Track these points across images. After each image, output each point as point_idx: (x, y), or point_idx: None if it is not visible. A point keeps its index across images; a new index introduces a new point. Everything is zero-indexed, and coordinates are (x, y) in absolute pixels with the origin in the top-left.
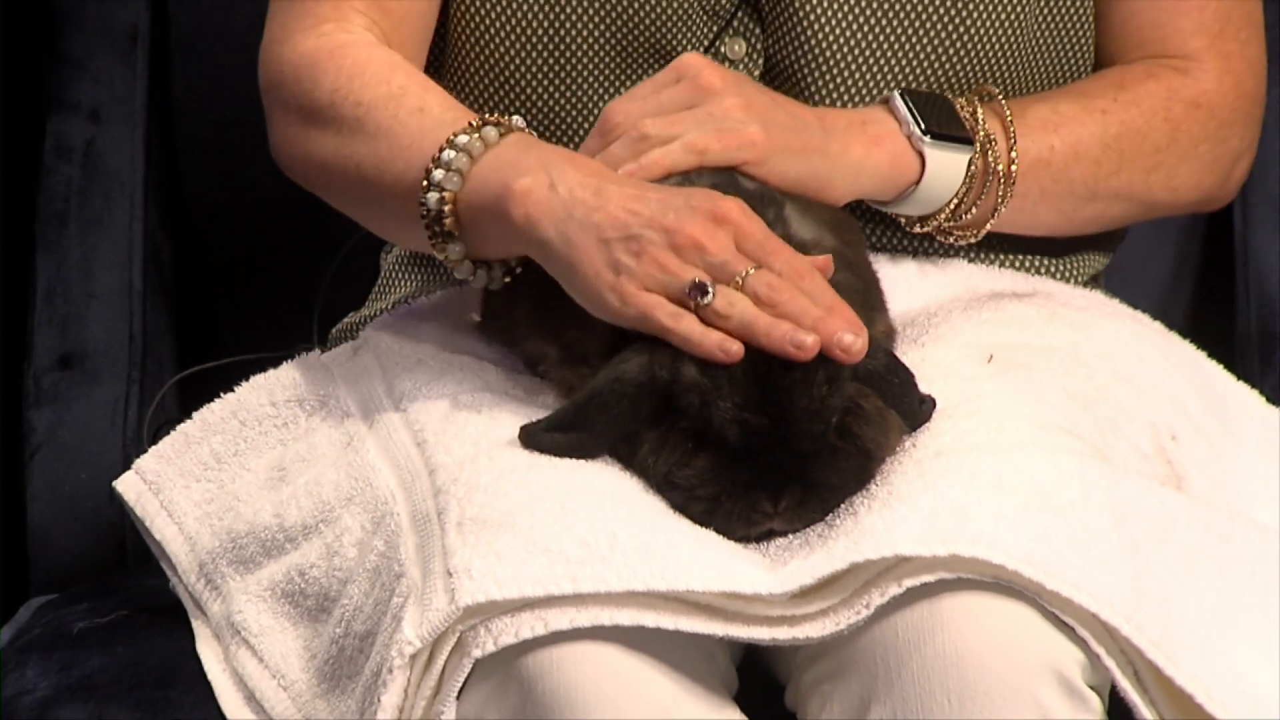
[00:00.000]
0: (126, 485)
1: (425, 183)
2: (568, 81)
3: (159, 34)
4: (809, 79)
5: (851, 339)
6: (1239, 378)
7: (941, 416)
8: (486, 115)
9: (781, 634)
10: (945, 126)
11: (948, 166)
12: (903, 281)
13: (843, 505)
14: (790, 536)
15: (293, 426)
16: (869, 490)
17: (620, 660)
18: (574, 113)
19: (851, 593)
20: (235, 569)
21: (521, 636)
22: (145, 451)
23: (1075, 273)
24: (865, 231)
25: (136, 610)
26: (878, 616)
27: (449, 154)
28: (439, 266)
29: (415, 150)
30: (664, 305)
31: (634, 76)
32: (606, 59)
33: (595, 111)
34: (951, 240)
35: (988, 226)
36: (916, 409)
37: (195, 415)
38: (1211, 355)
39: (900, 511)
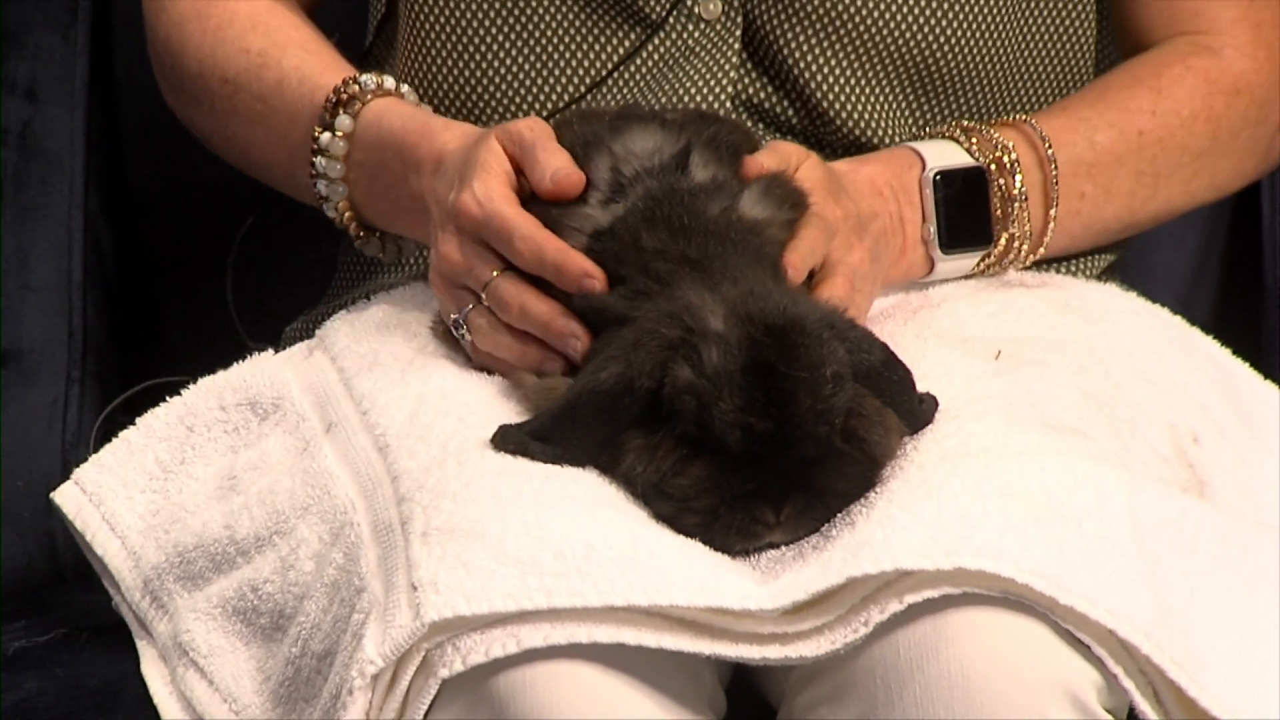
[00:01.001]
0: (65, 497)
1: (315, 193)
2: (530, 43)
3: (100, 8)
4: (790, 42)
5: (576, 345)
6: (1266, 377)
7: (945, 418)
8: (338, 86)
9: (773, 653)
10: (969, 232)
11: (958, 267)
12: None
13: (839, 514)
14: (783, 547)
15: (244, 432)
16: (867, 498)
17: (598, 681)
18: (536, 76)
19: (849, 609)
20: (183, 585)
21: (492, 655)
22: (87, 458)
23: (1088, 266)
24: None
25: (76, 629)
26: (877, 635)
27: (320, 161)
28: (399, 260)
29: (290, 143)
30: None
31: (601, 38)
32: (572, 17)
33: (558, 75)
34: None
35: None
36: (916, 409)
37: (139, 421)
38: (1236, 353)
39: (901, 521)
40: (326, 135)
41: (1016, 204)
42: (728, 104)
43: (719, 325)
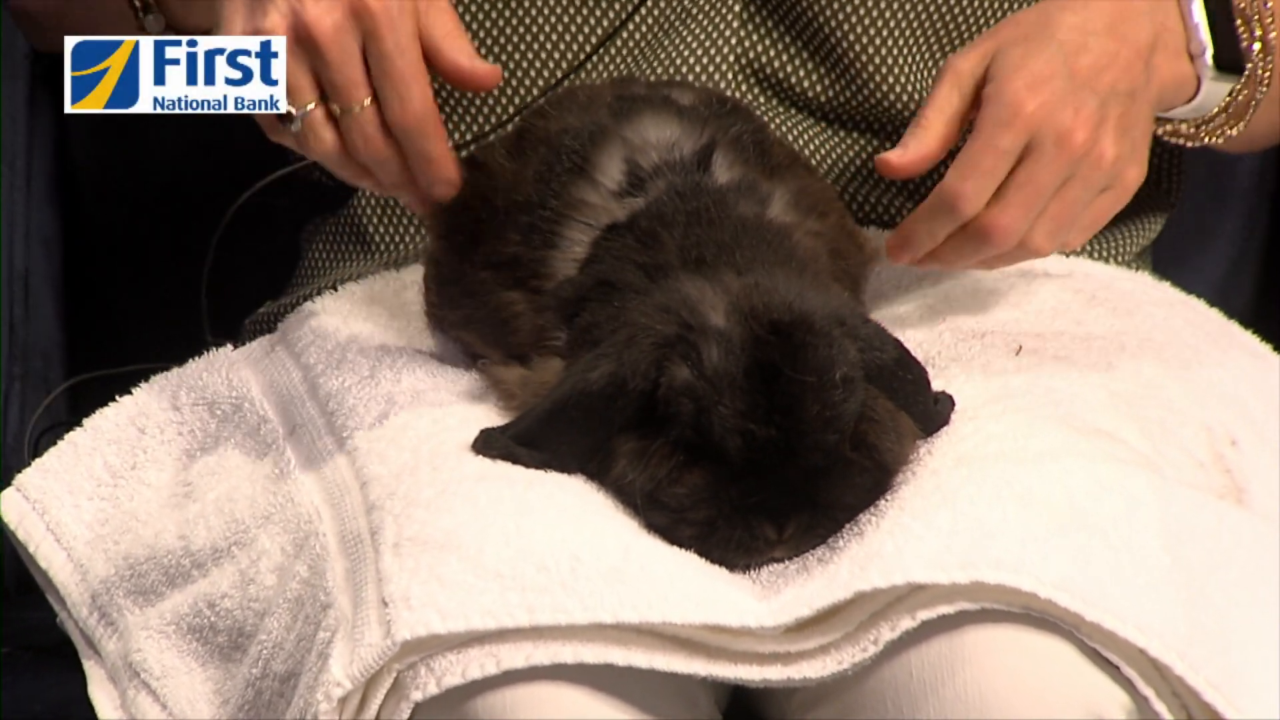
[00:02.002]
0: (7, 504)
1: None
2: (518, 14)
3: None
4: None
5: (424, 207)
6: None
7: (962, 419)
8: None
9: (774, 674)
10: (1231, 53)
11: (1215, 94)
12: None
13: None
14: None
15: (200, 434)
16: (876, 505)
17: (585, 704)
18: (527, 50)
19: (856, 626)
20: (134, 601)
21: (469, 676)
22: (29, 464)
23: (1119, 247)
24: (873, 203)
25: (19, 648)
26: (887, 654)
27: None
28: (368, 247)
29: None
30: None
31: (590, 4)
32: None
33: (550, 48)
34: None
35: (1231, 130)
36: (931, 410)
37: (87, 422)
38: (1278, 349)
39: (914, 530)
40: None
41: (1264, 24)
42: (730, 74)
43: (720, 321)
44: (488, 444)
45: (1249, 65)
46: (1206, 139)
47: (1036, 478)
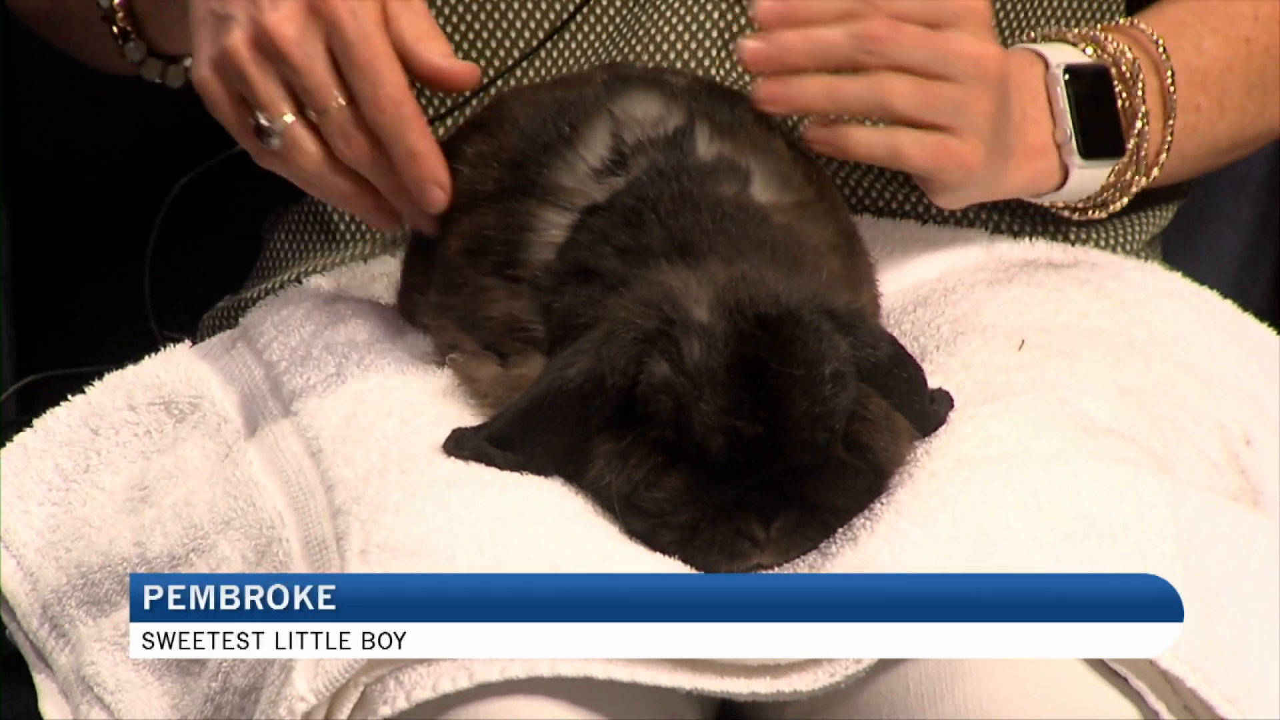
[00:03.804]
0: None
1: None
2: None
3: None
4: None
5: (428, 222)
6: None
7: (962, 418)
8: None
9: (762, 687)
10: (1104, 139)
11: (1090, 179)
12: (911, 249)
13: (839, 530)
14: (775, 568)
15: (157, 435)
16: (872, 510)
17: None
18: (498, 17)
19: None
20: (86, 611)
21: (441, 690)
22: None
23: (1128, 236)
24: (867, 188)
25: None
26: (883, 667)
27: None
28: (333, 236)
29: None
30: (243, 127)
31: None
32: None
33: (513, 18)
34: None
35: (1115, 206)
36: (928, 409)
37: (37, 423)
38: None
39: (912, 536)
40: None
41: (1140, 117)
42: (711, 47)
43: (703, 315)
44: (460, 445)
45: (1126, 149)
46: (1095, 212)
47: (1043, 481)
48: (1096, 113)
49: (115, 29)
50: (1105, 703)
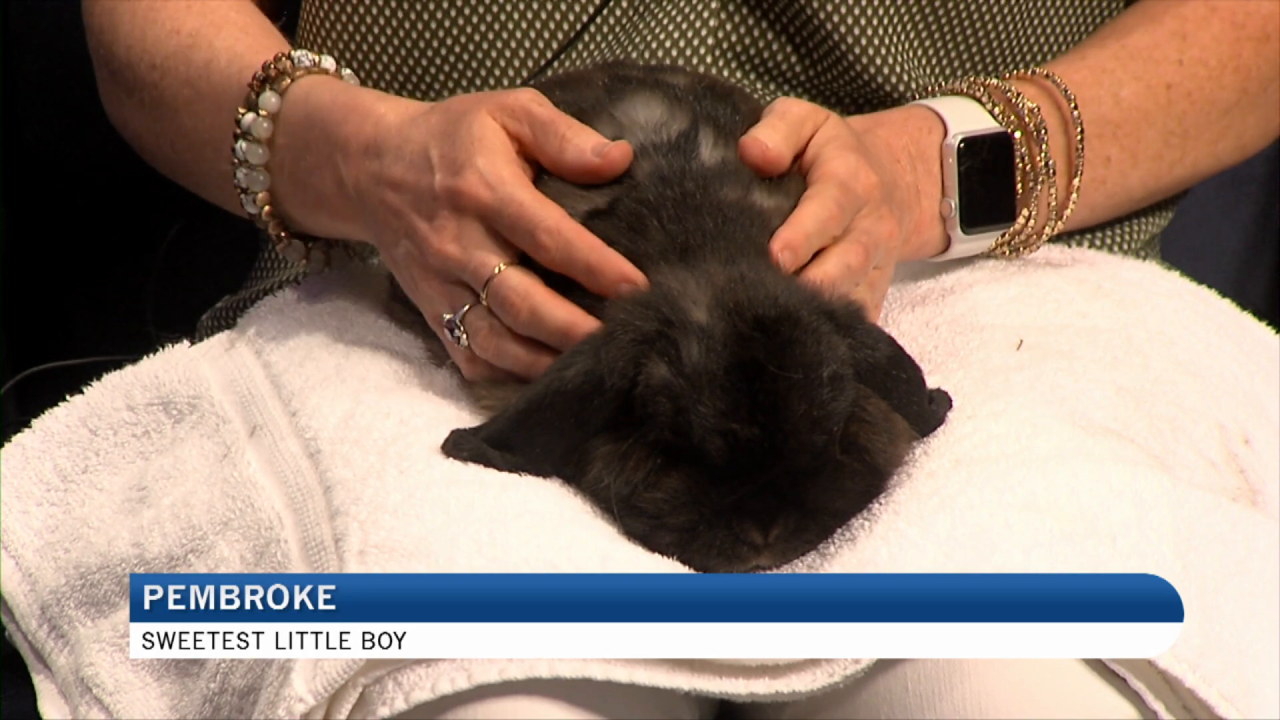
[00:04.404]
0: None
1: (236, 186)
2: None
3: None
4: None
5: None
6: None
7: (961, 418)
8: (268, 62)
9: (761, 687)
10: (991, 209)
11: (975, 245)
12: None
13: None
14: (774, 569)
15: (156, 436)
16: (870, 510)
17: None
18: (496, 40)
19: None
20: (85, 612)
21: (440, 691)
22: None
23: (1126, 237)
24: None
25: None
26: (882, 667)
27: (241, 146)
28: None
29: (214, 130)
30: (448, 338)
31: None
32: None
33: (519, 39)
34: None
35: (1028, 251)
36: (926, 410)
37: (36, 423)
38: None
39: (910, 537)
40: (250, 116)
41: (1042, 177)
42: (707, 55)
43: (702, 317)
44: (458, 446)
45: (1025, 211)
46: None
47: (1041, 481)
48: (987, 183)
49: (271, 233)
50: (1104, 703)
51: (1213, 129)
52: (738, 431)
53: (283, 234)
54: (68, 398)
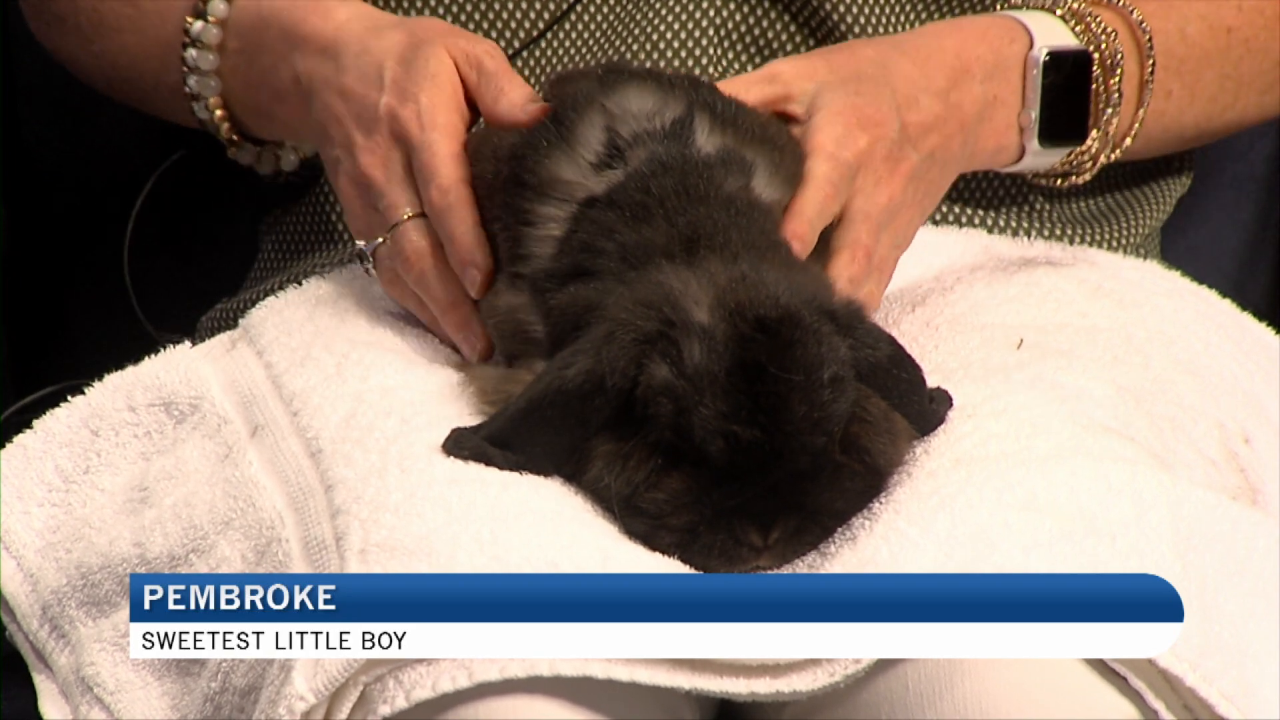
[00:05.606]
0: None
1: (187, 93)
2: None
3: None
4: None
5: (473, 344)
6: None
7: (961, 417)
8: None
9: (762, 687)
10: (1067, 124)
11: (1044, 160)
12: (910, 249)
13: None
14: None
15: (157, 436)
16: (870, 509)
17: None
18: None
19: None
20: (86, 612)
21: (440, 690)
22: None
23: (1128, 229)
24: None
25: None
26: (882, 667)
27: (191, 54)
28: (331, 237)
29: (160, 42)
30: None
31: None
32: None
33: (512, 10)
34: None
35: (1078, 179)
36: (926, 409)
37: (37, 424)
38: None
39: (910, 536)
40: (199, 24)
41: (1113, 100)
42: (712, 41)
43: (703, 317)
44: (459, 444)
45: (1094, 133)
46: (1049, 183)
47: (1041, 480)
48: (1066, 100)
49: (222, 137)
50: (1104, 702)
51: (1264, 79)
52: (739, 433)
53: (235, 137)
54: (69, 398)
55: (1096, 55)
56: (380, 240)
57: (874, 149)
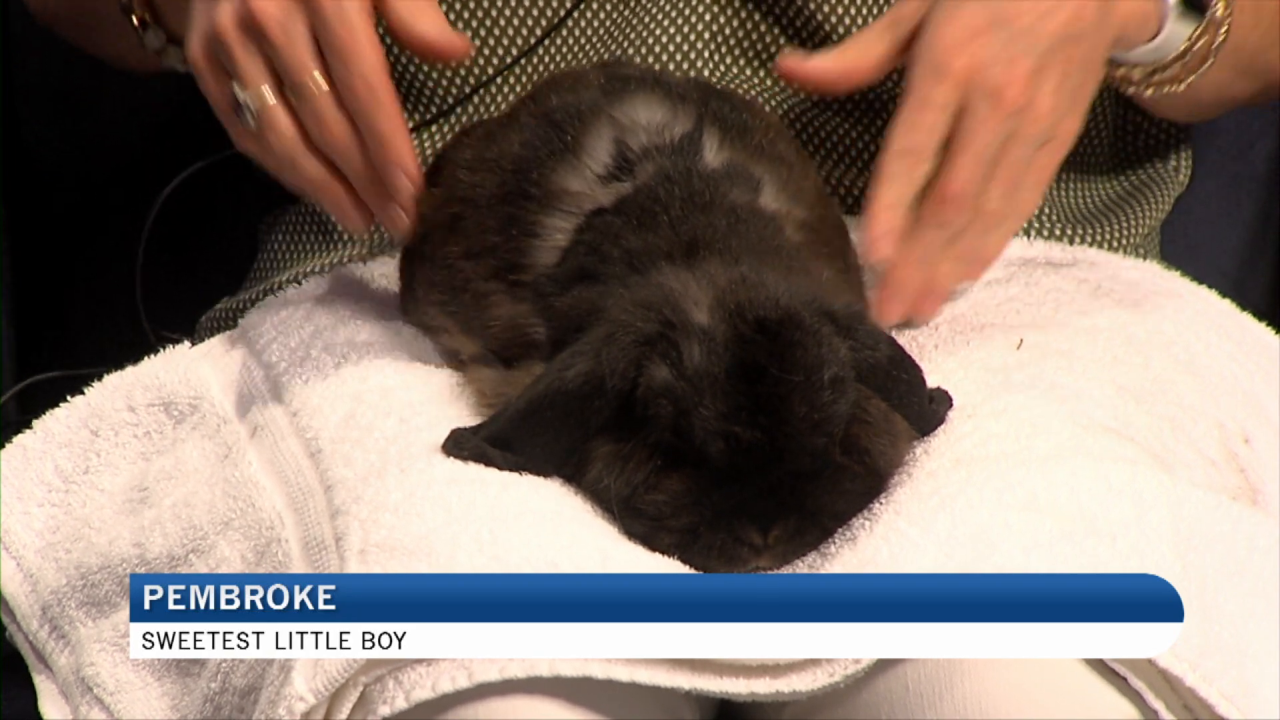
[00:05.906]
0: None
1: None
2: None
3: None
4: None
5: (396, 216)
6: None
7: (961, 417)
8: None
9: (762, 687)
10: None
11: (1176, 36)
12: None
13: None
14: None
15: (156, 436)
16: (871, 510)
17: None
18: (485, 18)
19: None
20: (86, 612)
21: (440, 690)
22: None
23: (1126, 229)
24: (864, 188)
25: None
26: (882, 667)
27: None
28: (332, 237)
29: None
30: (226, 105)
31: None
32: None
33: (506, 22)
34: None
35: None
36: (926, 409)
37: (36, 424)
38: None
39: (910, 537)
40: None
41: None
42: (706, 47)
43: (703, 318)
44: (458, 445)
45: (1212, 7)
46: (1155, 89)
47: (1041, 481)
48: None
49: (134, 19)
50: (1104, 702)
51: None
52: (739, 434)
53: (146, 17)
54: (68, 399)
55: None
56: (268, 92)
57: (977, 60)
